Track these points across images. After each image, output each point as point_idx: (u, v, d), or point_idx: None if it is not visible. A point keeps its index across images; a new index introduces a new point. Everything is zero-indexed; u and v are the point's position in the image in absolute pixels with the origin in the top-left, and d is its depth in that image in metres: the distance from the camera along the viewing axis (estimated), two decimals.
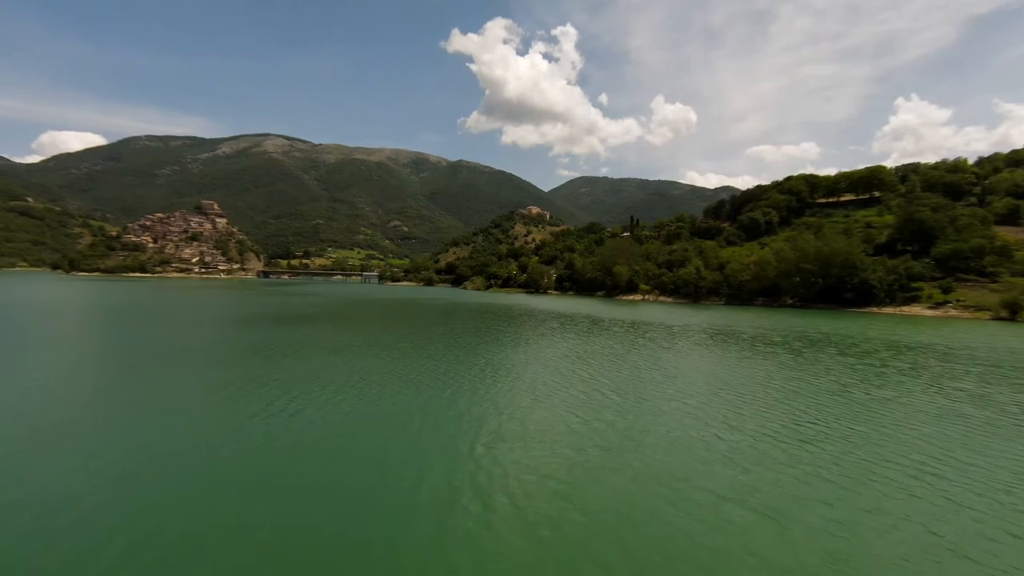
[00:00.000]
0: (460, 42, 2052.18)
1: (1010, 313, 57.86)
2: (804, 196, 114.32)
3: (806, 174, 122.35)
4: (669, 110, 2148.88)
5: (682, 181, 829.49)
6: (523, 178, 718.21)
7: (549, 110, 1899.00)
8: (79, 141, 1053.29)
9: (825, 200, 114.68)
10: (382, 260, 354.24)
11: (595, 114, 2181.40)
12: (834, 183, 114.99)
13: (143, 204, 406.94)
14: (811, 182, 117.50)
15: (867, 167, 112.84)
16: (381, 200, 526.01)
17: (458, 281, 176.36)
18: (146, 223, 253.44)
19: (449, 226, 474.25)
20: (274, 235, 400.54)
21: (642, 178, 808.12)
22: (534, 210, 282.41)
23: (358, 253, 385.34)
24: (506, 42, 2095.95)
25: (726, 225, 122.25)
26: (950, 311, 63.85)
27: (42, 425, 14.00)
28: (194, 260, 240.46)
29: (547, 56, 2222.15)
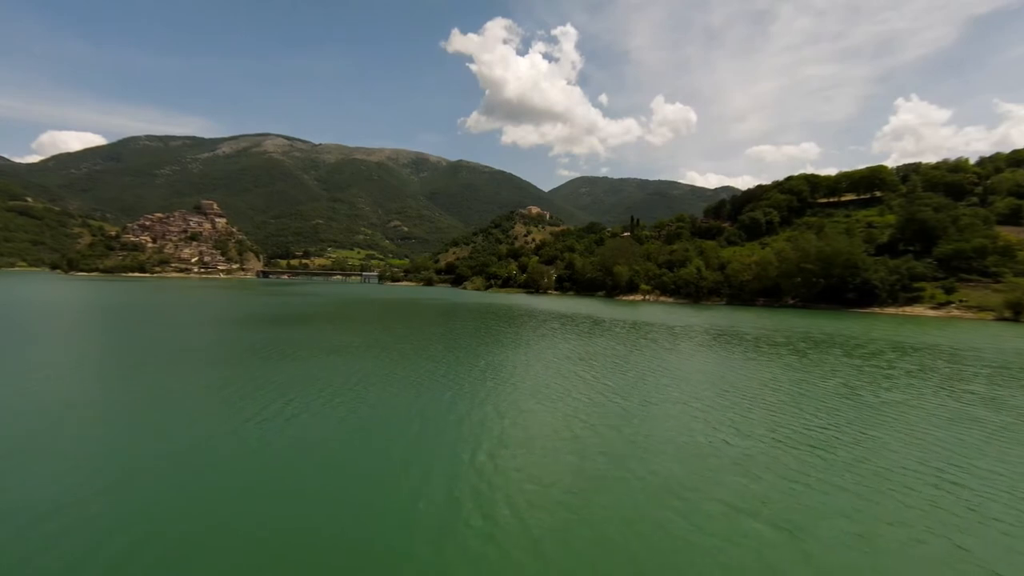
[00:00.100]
0: (460, 42, 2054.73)
1: (1013, 314, 57.46)
2: (805, 196, 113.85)
3: (807, 174, 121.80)
4: (669, 110, 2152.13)
5: (682, 181, 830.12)
6: (523, 178, 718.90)
7: (549, 110, 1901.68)
8: (79, 141, 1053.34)
9: (826, 200, 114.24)
10: (382, 260, 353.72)
11: (595, 114, 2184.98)
12: (835, 183, 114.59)
13: (143, 204, 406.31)
14: (812, 182, 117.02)
15: (868, 167, 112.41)
16: (381, 200, 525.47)
17: (458, 281, 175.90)
18: (145, 223, 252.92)
19: (449, 226, 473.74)
20: (274, 235, 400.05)
21: (642, 178, 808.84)
22: (534, 210, 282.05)
23: (358, 253, 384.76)
24: (506, 42, 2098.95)
25: (727, 225, 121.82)
26: (953, 311, 63.42)
27: (41, 425, 13.99)
28: (193, 260, 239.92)
29: (547, 56, 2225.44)
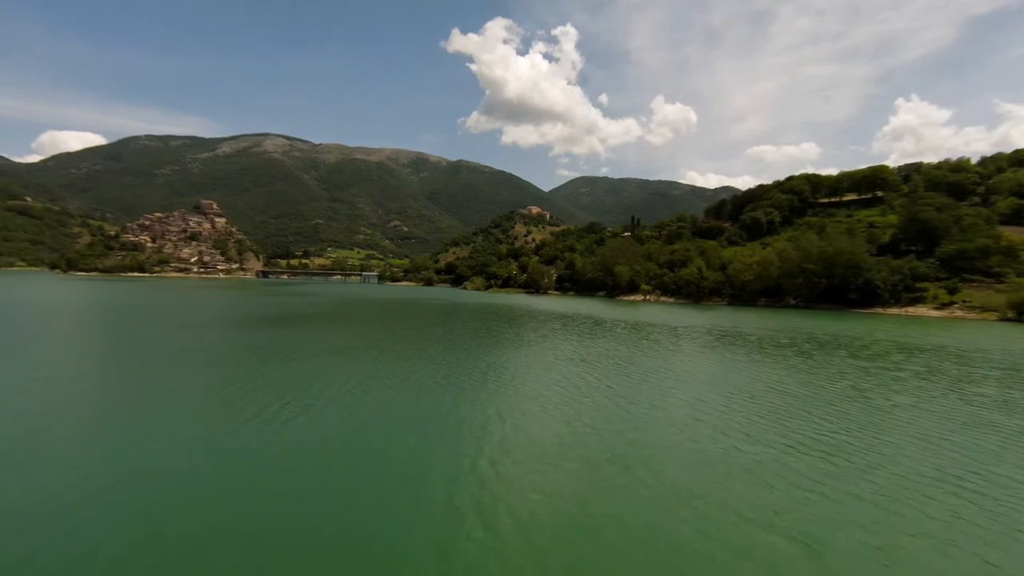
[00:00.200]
0: (460, 42, 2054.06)
1: (1017, 314, 57.07)
2: (806, 196, 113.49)
3: (808, 173, 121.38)
4: (669, 110, 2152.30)
5: (682, 181, 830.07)
6: (523, 178, 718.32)
7: (549, 110, 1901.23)
8: (79, 141, 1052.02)
9: (827, 200, 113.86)
10: (382, 260, 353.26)
11: (595, 114, 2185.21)
12: (836, 183, 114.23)
13: (143, 204, 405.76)
14: (813, 182, 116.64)
15: (870, 167, 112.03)
16: (381, 200, 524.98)
17: (458, 281, 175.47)
18: (145, 223, 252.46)
19: (449, 226, 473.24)
20: (274, 235, 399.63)
21: (642, 178, 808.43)
22: (534, 210, 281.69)
23: (358, 253, 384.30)
24: (506, 42, 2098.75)
25: (727, 225, 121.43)
26: (956, 312, 63.02)
27: (42, 425, 13.90)
28: (193, 260, 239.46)
29: (547, 56, 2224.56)
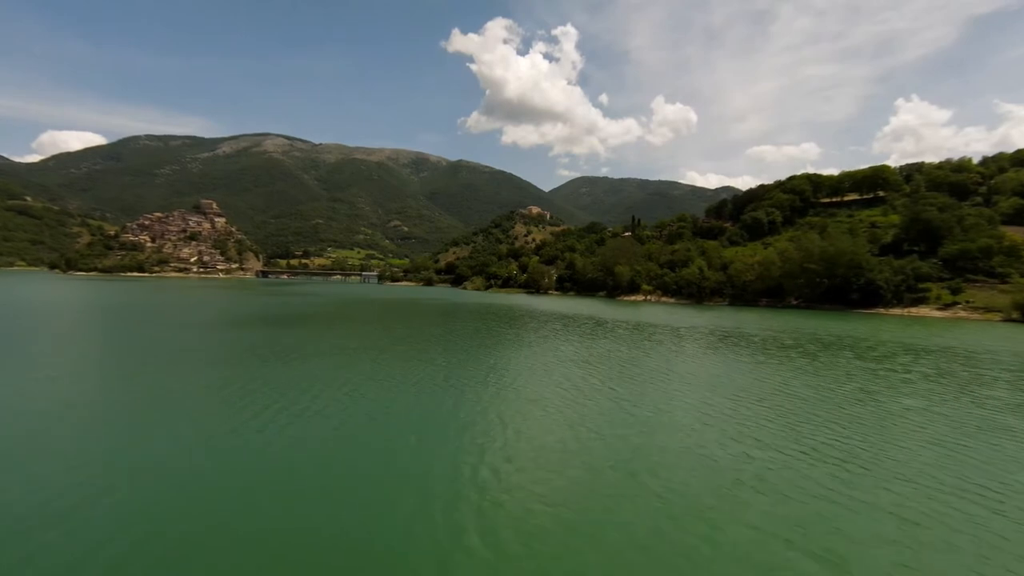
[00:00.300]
0: (460, 42, 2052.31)
1: (1021, 315, 56.68)
2: (807, 196, 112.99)
3: (809, 173, 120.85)
4: (669, 110, 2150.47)
5: (682, 181, 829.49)
6: (523, 178, 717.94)
7: (549, 110, 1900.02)
8: (79, 141, 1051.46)
9: (829, 200, 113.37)
10: (382, 260, 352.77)
11: (595, 114, 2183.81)
12: (838, 183, 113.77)
13: (143, 204, 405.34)
14: (814, 181, 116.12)
15: (871, 166, 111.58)
16: (381, 200, 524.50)
17: (458, 281, 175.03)
18: (144, 222, 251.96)
19: (449, 226, 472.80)
20: (274, 235, 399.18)
21: (642, 178, 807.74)
22: (534, 210, 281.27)
23: (358, 253, 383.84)
24: (506, 42, 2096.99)
25: (728, 225, 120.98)
26: (959, 312, 62.58)
27: (42, 425, 13.79)
28: (192, 260, 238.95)
29: (547, 56, 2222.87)
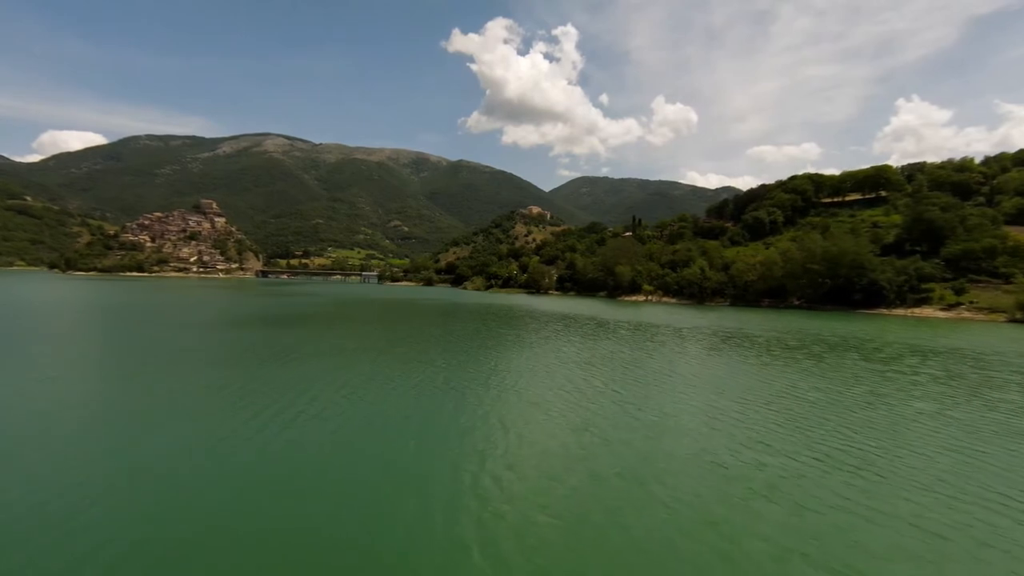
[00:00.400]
0: (461, 42, 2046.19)
1: None
2: (809, 195, 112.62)
3: (811, 173, 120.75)
4: (669, 110, 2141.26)
5: (683, 181, 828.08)
6: (523, 178, 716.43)
7: (550, 110, 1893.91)
8: (79, 140, 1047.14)
9: (830, 200, 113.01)
10: (382, 260, 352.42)
11: (595, 114, 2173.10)
12: (839, 182, 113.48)
13: (143, 204, 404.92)
14: (816, 181, 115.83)
15: (873, 166, 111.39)
16: (381, 200, 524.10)
17: (458, 281, 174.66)
18: (144, 222, 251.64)
19: (449, 226, 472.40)
20: (274, 235, 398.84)
21: (643, 178, 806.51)
22: (535, 210, 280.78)
23: (358, 253, 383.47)
24: (507, 42, 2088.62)
25: (729, 225, 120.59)
26: (963, 313, 62.13)
27: (42, 425, 13.69)
28: (192, 259, 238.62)
29: (548, 56, 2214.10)
